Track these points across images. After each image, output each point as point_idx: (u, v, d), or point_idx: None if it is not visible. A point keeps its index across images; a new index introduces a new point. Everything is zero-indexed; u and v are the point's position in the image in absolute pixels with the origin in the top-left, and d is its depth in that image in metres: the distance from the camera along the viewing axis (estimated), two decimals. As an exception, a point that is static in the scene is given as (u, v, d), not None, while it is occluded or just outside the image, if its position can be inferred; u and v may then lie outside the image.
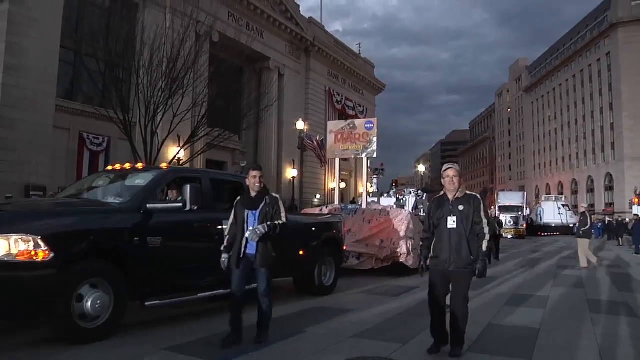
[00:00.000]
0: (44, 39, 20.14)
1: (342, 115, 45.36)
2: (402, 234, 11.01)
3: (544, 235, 39.24)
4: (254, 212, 5.00)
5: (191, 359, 4.41)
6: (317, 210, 12.54)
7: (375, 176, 17.15)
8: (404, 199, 17.37)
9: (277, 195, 5.22)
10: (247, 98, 25.44)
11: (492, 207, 36.77)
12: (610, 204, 65.08)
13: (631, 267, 14.70)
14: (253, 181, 5.05)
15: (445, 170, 4.67)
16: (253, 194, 5.07)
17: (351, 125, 14.69)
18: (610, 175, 66.79)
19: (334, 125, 15.72)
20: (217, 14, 24.51)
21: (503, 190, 57.81)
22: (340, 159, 16.06)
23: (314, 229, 8.28)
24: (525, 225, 36.52)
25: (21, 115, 19.14)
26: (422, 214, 14.45)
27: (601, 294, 9.07)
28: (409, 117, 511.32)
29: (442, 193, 4.70)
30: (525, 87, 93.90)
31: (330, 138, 15.25)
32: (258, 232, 4.86)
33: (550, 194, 63.01)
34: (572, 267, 14.20)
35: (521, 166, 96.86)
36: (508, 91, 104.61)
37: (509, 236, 33.31)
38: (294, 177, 34.67)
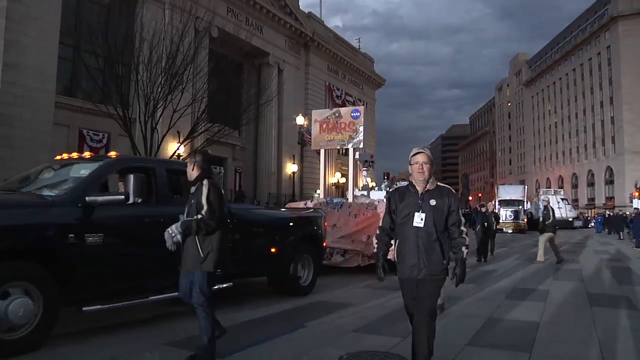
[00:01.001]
0: (43, 36, 20.09)
1: (342, 111, 45.36)
2: None
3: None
4: (187, 205, 4.31)
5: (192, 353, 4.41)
6: (301, 204, 12.01)
7: (365, 169, 15.86)
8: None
9: (212, 182, 4.24)
10: (246, 93, 25.42)
11: (492, 201, 36.49)
12: (610, 198, 65.11)
13: (631, 261, 14.71)
14: (188, 169, 4.36)
15: (413, 155, 3.67)
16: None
17: (337, 114, 13.91)
18: (611, 169, 66.79)
19: (318, 115, 14.84)
20: (216, 10, 24.47)
21: (503, 184, 57.84)
22: (341, 155, 15.43)
23: (289, 224, 7.77)
24: (526, 220, 35.97)
25: (21, 112, 19.12)
26: None
27: (601, 288, 9.09)
28: (409, 112, 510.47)
29: (405, 184, 3.87)
30: (525, 81, 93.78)
31: (315, 128, 14.41)
32: (170, 234, 4.09)
33: (549, 188, 63.05)
34: (572, 261, 14.23)
35: (521, 160, 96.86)
36: (508, 85, 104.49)
37: (510, 231, 33.22)
38: (294, 173, 34.66)
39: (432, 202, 3.60)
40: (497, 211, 27.02)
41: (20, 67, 19.37)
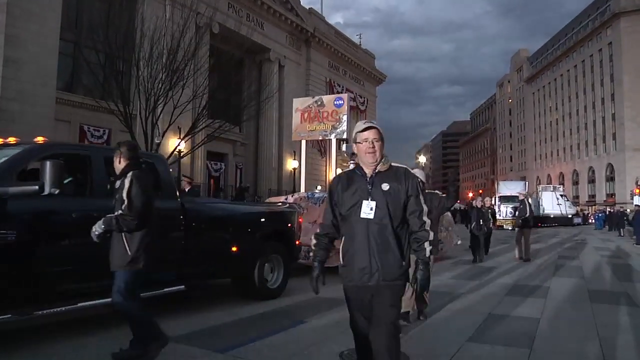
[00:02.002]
0: (43, 32, 20.07)
1: (343, 107, 45.33)
2: None
3: (544, 227, 38.54)
4: (113, 200, 3.96)
5: (192, 349, 4.43)
6: (281, 199, 11.48)
7: (352, 162, 15.02)
8: None
9: (136, 175, 3.88)
10: (247, 89, 25.41)
11: (492, 196, 36.22)
12: (611, 195, 65.08)
13: (632, 258, 14.71)
14: (115, 162, 4.00)
15: (360, 131, 2.90)
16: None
17: (319, 103, 12.99)
18: (612, 165, 66.74)
19: (300, 103, 13.78)
20: (216, 5, 24.42)
21: (504, 180, 57.80)
22: (342, 151, 14.61)
23: (254, 220, 7.00)
24: None
25: (21, 107, 19.12)
26: None
27: (602, 284, 9.09)
28: (410, 109, 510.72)
29: (352, 167, 3.12)
30: (526, 77, 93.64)
31: (296, 117, 13.43)
32: (94, 232, 3.80)
33: (549, 184, 62.89)
34: (573, 257, 14.23)
35: (522, 157, 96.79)
36: (509, 82, 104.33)
37: (509, 228, 33.00)
38: (294, 169, 34.66)
39: (385, 186, 2.84)
40: (494, 207, 24.79)
41: (20, 63, 19.36)
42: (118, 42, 18.36)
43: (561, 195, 42.34)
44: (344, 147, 14.32)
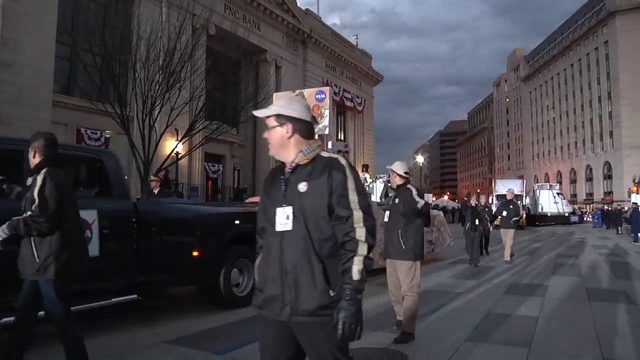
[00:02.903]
0: (40, 35, 20.04)
1: (340, 107, 45.34)
2: None
3: (542, 225, 38.33)
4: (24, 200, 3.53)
5: (190, 351, 4.42)
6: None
7: None
8: (371, 186, 14.29)
9: (51, 172, 3.40)
10: (244, 91, 25.39)
11: (490, 195, 35.99)
12: (609, 193, 65.19)
13: (630, 256, 14.73)
14: (30, 156, 3.55)
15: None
16: None
17: (299, 96, 12.95)
18: (609, 163, 66.87)
19: (280, 98, 13.74)
20: (213, 7, 24.40)
21: (502, 179, 57.77)
22: (342, 151, 14.54)
23: (220, 222, 6.42)
24: (525, 215, 34.48)
25: (18, 111, 19.07)
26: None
27: (600, 283, 9.11)
28: (408, 109, 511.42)
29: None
30: (523, 76, 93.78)
31: None
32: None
33: (546, 183, 62.87)
34: (572, 256, 14.25)
35: (519, 156, 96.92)
36: (506, 81, 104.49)
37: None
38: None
39: (302, 186, 2.09)
40: (491, 205, 23.17)
41: (17, 66, 19.32)
42: (114, 45, 18.33)
43: (558, 194, 41.99)
44: (329, 145, 14.07)
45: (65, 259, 3.36)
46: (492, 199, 34.63)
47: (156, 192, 9.71)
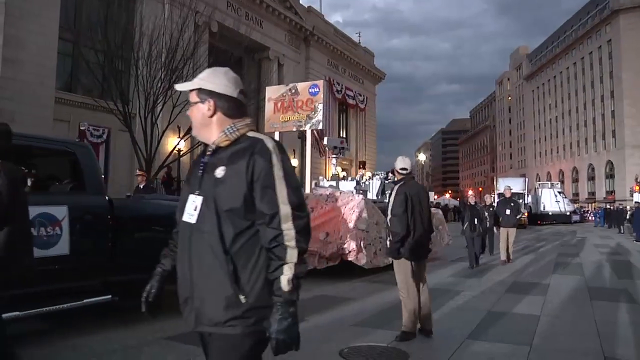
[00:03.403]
0: (42, 31, 20.04)
1: (342, 105, 45.30)
2: (351, 225, 8.85)
3: (544, 225, 38.03)
4: None
5: (191, 347, 4.42)
6: None
7: (334, 156, 13.93)
8: (367, 183, 14.01)
9: (2, 163, 3.12)
10: (246, 88, 25.31)
11: (492, 194, 35.55)
12: (611, 192, 65.10)
13: (631, 255, 14.72)
14: None
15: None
16: None
17: (293, 91, 11.92)
18: (611, 162, 66.76)
19: (273, 92, 12.50)
20: (215, 4, 24.41)
21: (504, 178, 57.67)
22: (337, 147, 13.76)
23: None
24: (527, 214, 34.28)
25: (20, 108, 19.09)
26: (386, 201, 12.76)
27: (601, 282, 9.10)
28: (410, 107, 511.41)
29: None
30: (525, 75, 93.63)
31: (269, 107, 12.30)
32: None
33: (548, 181, 62.72)
34: (573, 255, 14.24)
35: (522, 154, 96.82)
36: (509, 79, 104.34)
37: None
38: (294, 167, 34.65)
39: (219, 172, 1.77)
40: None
41: (19, 63, 19.34)
42: (117, 42, 18.34)
43: (559, 192, 41.73)
44: (325, 141, 13.72)
45: (7, 256, 2.97)
46: (494, 198, 34.21)
47: (141, 187, 9.59)
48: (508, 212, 12.00)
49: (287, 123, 12.15)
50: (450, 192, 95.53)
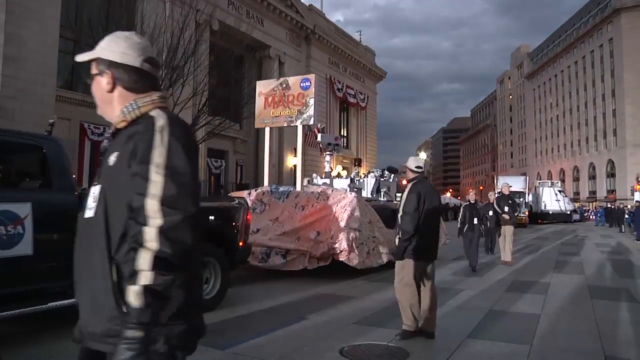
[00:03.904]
0: (43, 29, 20.04)
1: (344, 103, 45.28)
2: (342, 224, 8.58)
3: (544, 224, 37.80)
4: None
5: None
6: (244, 194, 10.26)
7: (329, 152, 13.30)
8: (361, 181, 13.62)
9: None
10: (247, 86, 25.37)
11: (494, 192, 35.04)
12: (612, 191, 65.03)
13: (632, 254, 14.72)
14: None
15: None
16: None
17: (284, 85, 11.58)
18: (612, 162, 66.68)
19: (263, 86, 12.07)
20: (216, 2, 24.37)
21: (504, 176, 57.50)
22: (342, 147, 13.52)
23: None
24: (527, 213, 33.98)
25: (21, 106, 19.09)
26: (381, 200, 12.31)
27: (602, 280, 9.10)
28: (411, 106, 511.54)
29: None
30: (527, 73, 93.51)
31: (259, 102, 11.96)
32: None
33: (546, 180, 62.56)
34: (574, 254, 14.24)
35: (523, 153, 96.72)
36: (509, 78, 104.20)
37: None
38: (295, 166, 34.66)
39: (112, 158, 1.53)
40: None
41: (20, 61, 19.34)
42: (118, 40, 18.34)
43: (559, 191, 41.35)
44: (319, 137, 13.41)
45: None
46: (495, 196, 33.92)
47: None
48: (506, 209, 11.66)
49: (277, 118, 11.81)
50: (451, 190, 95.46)
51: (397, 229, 5.06)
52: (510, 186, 13.16)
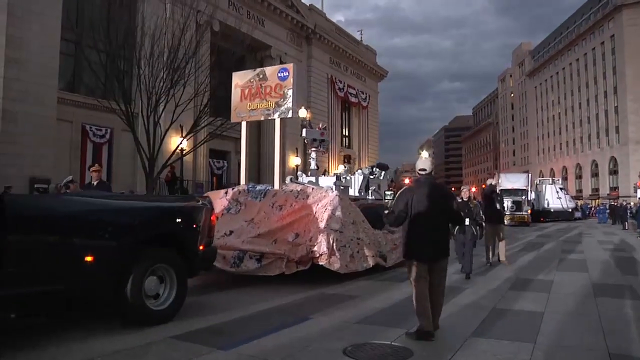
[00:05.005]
0: (45, 32, 20.06)
1: (345, 103, 45.26)
2: (322, 224, 7.87)
3: (547, 221, 37.49)
4: None
5: (196, 346, 4.44)
6: (221, 193, 9.77)
7: (314, 149, 12.81)
8: (348, 178, 12.77)
9: None
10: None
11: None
12: (614, 188, 64.88)
13: (635, 251, 14.68)
14: None
15: None
16: None
17: (261, 76, 10.92)
18: (615, 159, 66.51)
19: (240, 77, 11.48)
20: (217, 3, 24.38)
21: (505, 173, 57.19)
22: (344, 147, 12.95)
23: (126, 219, 5.10)
24: (530, 211, 33.34)
25: (23, 108, 19.13)
26: (370, 198, 11.79)
27: (605, 278, 9.07)
28: (412, 105, 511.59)
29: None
30: (528, 71, 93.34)
31: (236, 95, 11.37)
32: None
33: (547, 178, 62.19)
34: (577, 251, 14.21)
35: (525, 151, 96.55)
36: (511, 76, 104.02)
37: (505, 222, 29.74)
38: (297, 166, 34.66)
39: None
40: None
41: (22, 63, 19.37)
42: (119, 41, 18.35)
43: (560, 189, 40.63)
44: (303, 133, 12.82)
45: None
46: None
47: (94, 183, 8.72)
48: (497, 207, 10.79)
49: (254, 112, 11.06)
50: (453, 189, 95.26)
51: (404, 232, 5.19)
52: (493, 183, 12.03)
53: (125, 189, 19.16)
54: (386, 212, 5.19)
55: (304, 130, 12.69)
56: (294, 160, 35.29)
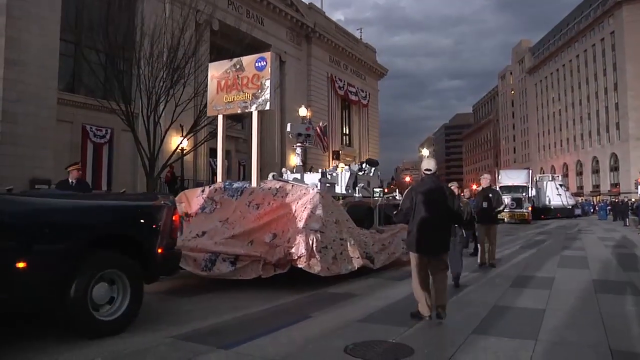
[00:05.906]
0: (44, 33, 20.06)
1: (345, 101, 45.23)
2: (300, 224, 7.32)
3: (548, 219, 36.82)
4: None
5: (198, 346, 4.44)
6: (198, 191, 9.30)
7: (299, 144, 12.50)
8: (334, 175, 12.12)
9: None
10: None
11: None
12: (615, 185, 64.86)
13: (637, 247, 14.66)
14: None
15: None
16: None
17: (237, 66, 10.23)
18: (616, 155, 66.49)
19: (216, 68, 10.75)
20: (216, 2, 24.38)
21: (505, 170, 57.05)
22: (344, 145, 12.69)
23: (69, 220, 4.59)
24: (530, 208, 32.78)
25: (23, 109, 19.13)
26: (357, 196, 11.27)
27: (607, 274, 9.07)
28: (412, 103, 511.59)
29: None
30: (528, 68, 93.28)
31: (212, 86, 10.64)
32: None
33: (547, 174, 61.93)
34: (578, 248, 14.21)
35: (525, 148, 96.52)
36: (511, 73, 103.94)
37: (505, 220, 28.64)
38: (297, 164, 34.66)
39: None
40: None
41: (22, 64, 19.36)
42: (118, 42, 18.35)
43: (560, 185, 40.25)
44: (288, 128, 12.48)
45: None
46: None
47: (73, 182, 8.33)
48: (485, 205, 10.11)
49: (231, 104, 10.32)
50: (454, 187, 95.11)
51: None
52: (489, 178, 11.06)
53: (126, 189, 19.17)
54: (395, 212, 5.68)
55: (288, 125, 12.33)
56: (295, 159, 35.25)
